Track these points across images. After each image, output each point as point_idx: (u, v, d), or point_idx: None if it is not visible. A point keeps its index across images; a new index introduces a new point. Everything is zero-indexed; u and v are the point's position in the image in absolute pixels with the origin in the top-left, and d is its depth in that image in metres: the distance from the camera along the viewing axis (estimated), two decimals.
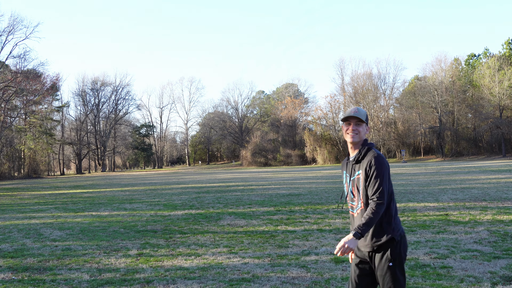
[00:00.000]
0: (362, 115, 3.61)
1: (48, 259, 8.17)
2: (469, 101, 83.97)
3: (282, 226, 10.99)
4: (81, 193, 26.49)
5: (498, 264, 6.65)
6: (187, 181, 36.49)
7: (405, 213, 12.34)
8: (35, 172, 75.14)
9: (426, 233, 9.40)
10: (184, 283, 6.34)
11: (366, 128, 3.66)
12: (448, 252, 7.54)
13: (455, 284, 5.78)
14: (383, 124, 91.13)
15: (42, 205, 19.32)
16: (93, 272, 7.12)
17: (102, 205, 17.86)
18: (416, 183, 22.96)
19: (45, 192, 28.58)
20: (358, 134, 3.60)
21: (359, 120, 3.61)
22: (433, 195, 16.98)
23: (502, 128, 76.51)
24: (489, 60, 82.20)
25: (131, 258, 7.99)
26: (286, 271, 6.71)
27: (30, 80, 68.73)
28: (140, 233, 10.68)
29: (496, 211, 12.09)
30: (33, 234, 11.10)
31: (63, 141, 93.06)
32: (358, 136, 3.61)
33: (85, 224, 12.54)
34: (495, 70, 78.81)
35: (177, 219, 13.00)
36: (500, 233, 9.04)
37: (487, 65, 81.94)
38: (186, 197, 20.00)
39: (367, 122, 3.66)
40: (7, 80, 66.29)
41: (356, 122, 3.62)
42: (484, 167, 39.14)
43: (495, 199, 14.67)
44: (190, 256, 8.04)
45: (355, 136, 3.60)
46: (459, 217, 11.26)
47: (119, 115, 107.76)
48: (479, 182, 22.38)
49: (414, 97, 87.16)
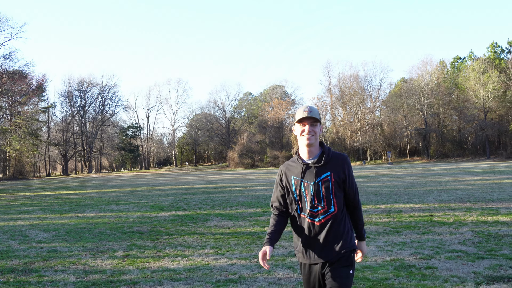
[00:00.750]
0: (316, 114, 3.36)
1: (33, 260, 8.11)
2: (454, 103, 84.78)
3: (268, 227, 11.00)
4: (67, 194, 26.32)
5: (482, 265, 6.72)
6: (174, 182, 36.40)
7: (391, 214, 12.42)
8: (20, 174, 74.44)
9: (412, 233, 9.46)
10: (171, 284, 6.33)
11: (320, 127, 3.42)
12: (433, 253, 7.61)
13: (439, 285, 5.83)
14: (370, 126, 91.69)
15: (27, 206, 19.16)
16: (79, 273, 7.08)
17: (88, 207, 17.76)
18: (402, 185, 23.08)
19: (31, 194, 28.34)
20: (315, 135, 3.33)
21: (315, 120, 3.34)
22: (418, 196, 17.09)
23: (487, 130, 77.32)
24: (474, 63, 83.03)
25: (118, 260, 7.96)
26: (273, 272, 6.72)
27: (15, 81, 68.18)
28: (126, 235, 10.64)
29: (480, 212, 12.20)
30: (18, 236, 11.02)
31: (49, 142, 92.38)
32: (315, 137, 3.33)
33: (71, 226, 12.47)
34: (480, 73, 79.57)
35: (164, 220, 12.98)
36: (484, 233, 9.13)
37: (472, 67, 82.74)
38: (173, 199, 19.96)
39: (320, 121, 3.42)
40: None
41: (312, 123, 3.34)
42: (468, 169, 39.52)
43: (479, 200, 14.81)
44: (177, 257, 8.03)
45: (311, 138, 3.31)
46: (444, 218, 11.36)
47: (106, 116, 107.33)
48: (463, 183, 22.58)
49: (400, 99, 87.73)
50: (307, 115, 3.30)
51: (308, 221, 3.33)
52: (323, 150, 3.38)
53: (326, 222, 3.28)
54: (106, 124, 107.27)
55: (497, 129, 78.10)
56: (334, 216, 3.28)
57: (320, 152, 3.39)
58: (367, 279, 6.14)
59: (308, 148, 3.35)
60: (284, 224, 3.54)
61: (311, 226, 3.32)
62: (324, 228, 3.29)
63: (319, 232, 3.30)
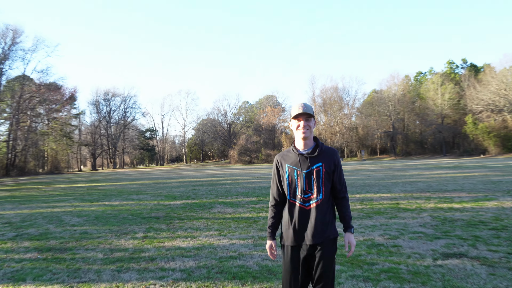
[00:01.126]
0: (310, 110, 3.23)
1: (68, 241, 8.13)
2: (416, 110, 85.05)
3: (263, 213, 11.03)
4: (96, 186, 26.27)
5: (439, 243, 6.77)
6: (184, 176, 36.36)
7: (364, 202, 12.46)
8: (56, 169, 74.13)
9: (381, 218, 9.51)
10: (182, 260, 6.36)
11: (314, 122, 3.29)
12: (398, 234, 7.66)
13: (404, 260, 5.87)
14: (347, 129, 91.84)
15: (63, 196, 19.13)
16: (106, 251, 7.11)
17: (113, 196, 17.75)
18: (373, 178, 23.15)
19: (65, 186, 28.28)
20: (309, 129, 3.21)
21: (309, 116, 3.23)
22: (386, 187, 17.14)
23: (443, 132, 77.78)
24: (433, 77, 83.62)
25: (138, 240, 7.98)
26: (266, 250, 6.74)
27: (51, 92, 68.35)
28: (145, 219, 10.66)
29: (437, 200, 12.26)
30: (55, 221, 11.03)
31: (80, 142, 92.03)
32: (310, 131, 3.21)
33: (99, 212, 12.47)
34: (438, 85, 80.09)
35: (176, 207, 12.99)
36: (440, 218, 9.19)
37: (431, 81, 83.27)
38: (183, 190, 19.95)
39: (314, 116, 3.29)
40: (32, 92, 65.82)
41: (306, 118, 3.22)
42: (428, 165, 39.59)
43: (436, 191, 14.86)
44: (187, 238, 8.05)
45: (306, 132, 3.19)
46: (408, 205, 11.41)
47: (127, 121, 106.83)
48: (424, 176, 22.65)
49: (372, 107, 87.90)
50: (302, 111, 3.20)
51: (298, 206, 3.18)
52: (317, 144, 3.27)
53: (315, 207, 3.14)
54: (127, 128, 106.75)
55: (452, 132, 78.49)
56: (322, 202, 3.15)
57: (314, 145, 3.27)
58: (343, 255, 6.17)
59: (304, 141, 3.23)
60: (281, 213, 3.39)
61: (301, 211, 3.17)
62: (313, 213, 3.14)
63: (308, 217, 3.15)
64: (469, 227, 8.02)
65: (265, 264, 5.92)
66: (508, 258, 5.72)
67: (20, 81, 65.67)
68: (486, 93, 70.17)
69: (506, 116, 69.82)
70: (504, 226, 7.97)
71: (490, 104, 69.93)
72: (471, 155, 69.24)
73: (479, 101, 71.18)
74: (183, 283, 5.25)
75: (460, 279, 4.95)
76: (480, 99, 71.06)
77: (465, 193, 13.81)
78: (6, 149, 63.96)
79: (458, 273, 5.17)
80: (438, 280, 4.94)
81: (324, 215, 3.15)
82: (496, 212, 9.71)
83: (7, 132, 64.60)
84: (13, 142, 64.02)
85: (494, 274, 5.07)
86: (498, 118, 70.02)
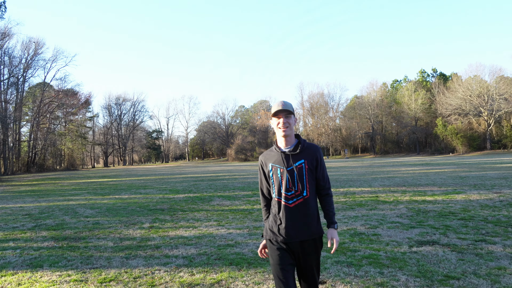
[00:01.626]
0: (289, 107, 2.92)
1: (82, 230, 8.04)
2: (393, 114, 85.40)
3: (257, 205, 10.99)
4: (107, 181, 26.13)
5: (413, 232, 6.75)
6: (187, 172, 36.27)
7: (347, 196, 12.45)
8: (72, 166, 73.74)
9: (362, 210, 9.49)
10: (184, 248, 6.30)
11: (294, 119, 2.97)
12: (378, 224, 7.63)
13: (382, 247, 5.84)
14: (332, 130, 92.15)
15: (77, 190, 19.00)
16: (116, 240, 7.03)
17: (123, 190, 17.64)
18: (355, 174, 23.16)
19: (80, 181, 28.11)
20: (289, 126, 2.89)
21: (288, 113, 2.90)
22: (367, 182, 17.15)
23: (417, 133, 78.26)
24: (408, 84, 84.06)
25: (145, 230, 7.91)
26: (261, 239, 6.70)
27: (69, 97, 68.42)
28: (151, 211, 10.58)
29: (412, 193, 12.27)
30: (70, 212, 10.92)
31: (94, 142, 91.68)
32: (290, 128, 2.90)
33: (110, 205, 12.37)
34: (412, 92, 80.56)
35: (179, 200, 12.92)
36: (415, 209, 9.18)
37: (406, 88, 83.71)
38: (186, 184, 19.88)
39: (294, 113, 2.96)
40: (51, 97, 65.76)
41: (286, 115, 2.90)
42: (404, 162, 39.76)
43: (411, 185, 14.89)
44: (189, 228, 7.99)
45: (286, 130, 2.88)
46: (386, 198, 11.40)
47: (136, 123, 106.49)
48: (400, 172, 22.70)
49: (354, 111, 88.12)
50: (281, 108, 2.88)
51: (283, 203, 2.86)
52: (299, 141, 2.95)
53: (299, 204, 2.83)
54: (136, 129, 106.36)
55: (425, 133, 78.95)
56: (307, 199, 2.83)
57: (296, 142, 2.95)
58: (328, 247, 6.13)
59: (285, 139, 2.91)
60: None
61: (286, 209, 2.85)
62: (297, 211, 2.83)
63: (292, 214, 2.84)
64: (441, 217, 8.01)
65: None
66: (475, 245, 5.71)
67: (40, 87, 65.74)
68: (454, 99, 70.59)
69: (472, 119, 70.42)
70: (471, 216, 7.97)
71: (457, 109, 70.38)
72: (441, 154, 69.60)
73: (447, 105, 71.60)
74: (185, 268, 5.19)
75: (433, 264, 4.92)
76: (448, 104, 71.47)
77: (436, 187, 13.83)
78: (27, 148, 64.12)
79: (431, 259, 5.14)
80: (413, 265, 4.91)
81: (308, 213, 2.85)
82: (464, 204, 9.71)
83: (29, 133, 64.75)
84: (34, 142, 64.10)
85: (463, 260, 5.05)
86: (465, 120, 70.62)
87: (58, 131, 71.99)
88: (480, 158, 42.11)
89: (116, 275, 5.00)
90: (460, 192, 11.99)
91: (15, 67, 58.86)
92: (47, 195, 16.99)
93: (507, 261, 4.93)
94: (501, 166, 24.58)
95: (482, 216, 7.93)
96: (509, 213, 8.14)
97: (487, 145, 67.29)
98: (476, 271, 4.61)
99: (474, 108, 68.93)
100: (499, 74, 69.92)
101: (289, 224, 2.83)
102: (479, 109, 68.83)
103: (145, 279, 4.82)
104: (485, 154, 57.33)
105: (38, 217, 10.30)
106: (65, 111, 71.67)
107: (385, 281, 4.41)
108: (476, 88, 68.98)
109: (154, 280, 4.76)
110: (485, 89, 67.85)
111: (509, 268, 4.66)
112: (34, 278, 5.03)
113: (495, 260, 4.96)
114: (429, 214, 8.42)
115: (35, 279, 4.99)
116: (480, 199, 10.42)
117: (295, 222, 2.83)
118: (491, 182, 14.69)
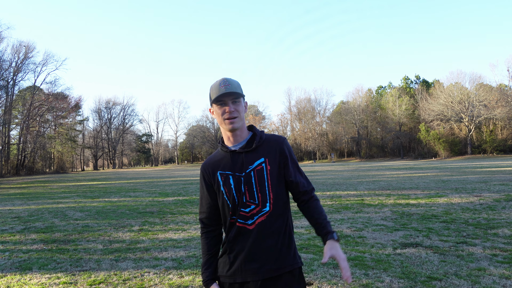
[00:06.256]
0: (238, 88, 1.86)
1: (71, 233, 7.93)
2: (378, 119, 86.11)
3: None
4: (97, 184, 25.83)
5: (398, 235, 6.80)
6: (176, 175, 36.06)
7: (334, 199, 12.50)
8: (61, 169, 72.73)
9: (348, 213, 9.53)
10: (174, 250, 6.26)
11: (245, 104, 1.92)
12: (363, 226, 7.68)
13: (368, 249, 5.88)
14: (318, 135, 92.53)
15: (67, 193, 18.74)
16: (105, 243, 6.95)
17: (112, 193, 17.46)
18: (341, 177, 23.28)
19: (69, 184, 27.74)
20: (239, 116, 1.85)
21: (236, 97, 1.85)
22: (353, 185, 17.25)
23: (401, 138, 79.03)
24: (392, 90, 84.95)
25: (134, 232, 7.84)
26: None
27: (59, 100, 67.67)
28: (141, 214, 10.49)
29: (396, 197, 12.36)
30: (60, 215, 10.77)
31: (83, 145, 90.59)
32: (239, 118, 1.85)
33: (100, 207, 12.24)
34: (396, 98, 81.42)
35: (169, 203, 12.83)
36: (399, 212, 9.25)
37: (390, 94, 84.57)
38: (175, 187, 19.75)
39: (244, 96, 1.91)
40: (41, 100, 64.97)
41: (233, 100, 1.85)
42: (388, 166, 40.11)
43: (396, 189, 15.00)
44: (178, 230, 7.94)
45: (235, 120, 1.85)
46: (371, 201, 11.47)
47: (126, 127, 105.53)
48: (385, 176, 22.88)
49: (340, 116, 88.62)
50: (226, 91, 1.81)
51: (237, 226, 1.85)
52: (254, 133, 1.95)
53: (259, 224, 1.82)
54: (126, 133, 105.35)
55: (408, 138, 79.76)
56: (271, 216, 1.83)
57: (250, 135, 1.95)
58: (316, 245, 6.16)
59: (233, 133, 1.90)
60: (219, 244, 1.99)
61: (242, 232, 1.84)
62: (258, 233, 1.82)
63: (252, 239, 1.82)
64: (424, 220, 8.08)
65: None
66: (457, 247, 5.78)
67: (30, 91, 64.93)
68: (436, 105, 71.54)
69: (453, 125, 71.38)
70: (453, 219, 8.07)
71: (439, 114, 71.32)
72: (424, 158, 70.35)
73: (430, 111, 72.52)
74: (174, 270, 5.15)
75: (416, 266, 4.97)
76: (431, 110, 72.40)
77: (420, 190, 13.95)
78: (16, 151, 63.19)
79: (414, 261, 5.19)
80: (397, 267, 4.95)
81: (274, 234, 1.84)
82: (446, 207, 9.82)
83: (18, 136, 63.97)
84: (23, 145, 63.22)
85: (445, 261, 5.11)
86: (447, 126, 71.57)
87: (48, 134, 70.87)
88: (461, 163, 42.70)
89: (105, 278, 4.94)
90: (442, 196, 12.13)
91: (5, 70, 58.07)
92: (36, 198, 16.73)
93: (486, 262, 5.00)
94: (481, 170, 24.95)
95: (463, 219, 8.03)
96: (488, 216, 8.26)
97: (468, 150, 68.30)
98: (458, 272, 4.67)
99: (456, 114, 69.98)
100: (479, 82, 71.15)
101: (248, 254, 1.84)
102: (460, 115, 69.89)
103: (135, 282, 4.77)
104: (466, 159, 58.16)
105: (28, 219, 10.13)
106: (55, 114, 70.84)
107: (370, 283, 4.43)
108: (457, 94, 70.08)
109: (144, 283, 4.72)
110: (465, 95, 68.96)
111: (488, 269, 4.73)
112: (23, 281, 4.95)
113: (475, 262, 5.03)
114: (413, 217, 8.49)
115: (24, 282, 4.91)
116: (461, 202, 10.55)
117: (256, 251, 1.83)
118: (471, 186, 14.89)
